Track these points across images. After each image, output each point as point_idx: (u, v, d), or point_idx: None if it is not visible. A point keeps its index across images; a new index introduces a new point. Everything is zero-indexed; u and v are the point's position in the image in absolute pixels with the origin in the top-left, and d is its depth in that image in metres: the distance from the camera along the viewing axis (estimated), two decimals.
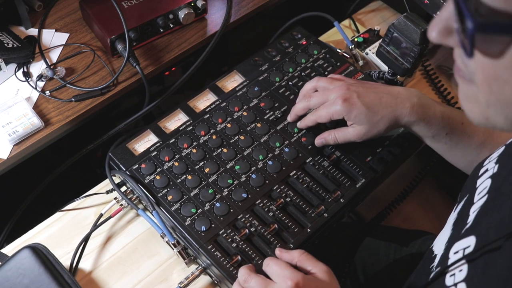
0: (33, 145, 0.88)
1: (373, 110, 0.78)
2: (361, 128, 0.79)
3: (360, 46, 1.04)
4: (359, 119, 0.78)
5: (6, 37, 0.95)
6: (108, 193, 0.87)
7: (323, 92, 0.83)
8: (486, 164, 0.64)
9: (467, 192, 0.64)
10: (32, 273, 0.74)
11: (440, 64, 1.06)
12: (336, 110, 0.79)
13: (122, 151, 0.85)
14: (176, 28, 1.03)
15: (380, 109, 0.78)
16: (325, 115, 0.81)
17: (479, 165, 0.66)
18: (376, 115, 0.78)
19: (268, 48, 0.98)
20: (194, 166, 0.83)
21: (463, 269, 0.53)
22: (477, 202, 0.59)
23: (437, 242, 0.67)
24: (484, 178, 0.61)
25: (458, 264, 0.54)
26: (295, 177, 0.83)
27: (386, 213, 0.99)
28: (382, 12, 1.15)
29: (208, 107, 0.90)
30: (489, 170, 0.61)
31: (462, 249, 0.55)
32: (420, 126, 0.79)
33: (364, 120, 0.78)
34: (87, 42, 1.00)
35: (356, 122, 0.79)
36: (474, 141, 0.79)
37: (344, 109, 0.78)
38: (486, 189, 0.59)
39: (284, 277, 0.64)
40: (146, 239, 0.83)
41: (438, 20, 0.44)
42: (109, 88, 0.94)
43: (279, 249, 0.72)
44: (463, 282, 0.52)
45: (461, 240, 0.56)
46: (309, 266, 0.67)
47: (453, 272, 0.54)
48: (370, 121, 0.78)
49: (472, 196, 0.61)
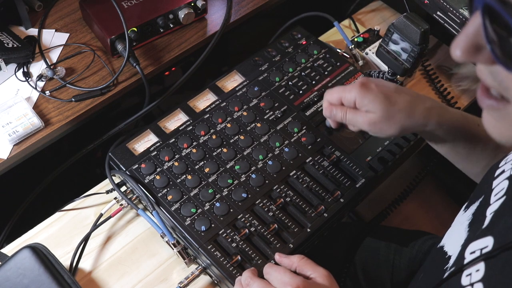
0: (33, 145, 0.88)
1: (390, 99, 0.72)
2: (374, 116, 0.73)
3: (360, 46, 1.04)
4: (372, 104, 0.72)
5: (6, 37, 0.95)
6: (108, 193, 0.87)
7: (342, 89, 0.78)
8: (502, 165, 0.62)
9: (482, 193, 0.63)
10: (32, 273, 0.74)
11: (440, 64, 1.06)
12: (350, 92, 0.74)
13: (122, 151, 0.85)
14: (176, 28, 1.03)
15: (399, 101, 0.72)
16: (336, 96, 0.76)
17: (493, 166, 0.64)
18: (392, 105, 0.72)
19: (268, 48, 0.98)
20: (194, 166, 0.83)
21: (480, 269, 0.52)
22: (494, 203, 0.58)
23: (448, 243, 0.66)
24: (500, 179, 0.60)
25: (475, 264, 0.53)
26: (295, 177, 0.83)
27: (386, 213, 0.99)
28: (382, 12, 1.15)
29: (208, 107, 0.90)
30: (506, 171, 0.60)
31: (479, 249, 0.54)
32: (442, 129, 0.74)
33: (379, 107, 0.72)
34: (87, 42, 1.00)
35: (370, 108, 0.73)
36: (491, 144, 0.76)
37: (359, 92, 0.73)
38: (504, 190, 0.57)
39: (284, 283, 0.65)
40: (146, 239, 0.83)
41: (464, 37, 0.40)
42: (109, 88, 0.94)
43: (279, 254, 0.72)
44: (480, 282, 0.51)
45: (478, 240, 0.55)
46: (309, 271, 0.67)
47: (469, 271, 0.53)
48: (386, 110, 0.72)
49: (488, 198, 0.60)
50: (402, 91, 0.75)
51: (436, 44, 1.08)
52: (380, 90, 0.73)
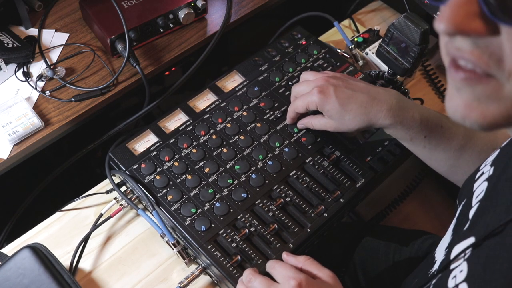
0: (33, 145, 0.88)
1: (345, 107, 0.77)
2: (332, 121, 0.80)
3: (360, 46, 1.04)
4: (330, 113, 0.79)
5: (6, 37, 0.95)
6: (108, 193, 0.87)
7: (306, 83, 0.84)
8: (482, 168, 0.63)
9: (464, 197, 0.64)
10: (32, 273, 0.74)
11: (440, 64, 1.06)
12: (311, 101, 0.80)
13: (122, 151, 0.85)
14: (176, 28, 1.03)
15: (353, 108, 0.77)
16: (301, 105, 0.82)
17: (476, 170, 0.65)
18: (347, 113, 0.77)
19: (268, 48, 0.98)
20: (194, 166, 0.83)
21: (463, 269, 0.53)
22: (475, 205, 0.59)
23: (438, 248, 0.67)
24: (480, 181, 0.61)
25: (458, 265, 0.54)
26: (295, 177, 0.83)
27: (386, 213, 0.99)
28: (382, 12, 1.15)
29: (208, 107, 0.90)
30: (484, 173, 0.61)
31: (462, 251, 0.55)
32: (397, 128, 0.78)
33: (335, 116, 0.79)
34: (87, 42, 1.00)
35: (328, 115, 0.80)
36: (454, 145, 0.78)
37: (319, 101, 0.79)
38: (483, 192, 0.59)
39: (287, 277, 0.65)
40: (146, 239, 0.83)
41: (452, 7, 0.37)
42: (109, 88, 0.94)
43: (286, 253, 0.73)
44: (464, 282, 0.52)
45: (461, 242, 0.56)
46: (314, 270, 0.67)
47: (454, 274, 0.54)
48: (341, 118, 0.78)
49: (470, 200, 0.61)
50: (361, 93, 0.78)
51: (436, 44, 1.08)
52: (337, 96, 0.78)
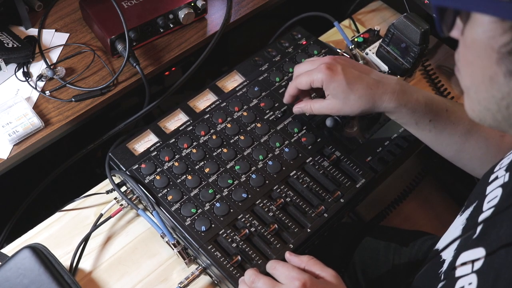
0: (33, 145, 0.88)
1: (352, 86, 0.76)
2: (336, 102, 0.78)
3: (360, 46, 1.04)
4: (336, 91, 0.77)
5: (6, 37, 0.95)
6: (108, 193, 0.87)
7: (310, 61, 0.82)
8: (496, 170, 0.62)
9: (476, 198, 0.63)
10: (32, 273, 0.74)
11: (440, 64, 1.06)
12: (317, 77, 0.77)
13: (122, 151, 0.85)
14: (176, 28, 1.03)
15: (360, 88, 0.76)
16: (305, 80, 0.79)
17: (489, 171, 0.64)
18: (353, 92, 0.76)
19: (268, 48, 0.98)
20: (194, 166, 0.83)
21: (472, 282, 0.52)
22: (486, 211, 0.58)
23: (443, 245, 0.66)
24: (494, 186, 0.60)
25: (466, 274, 0.53)
26: (295, 177, 0.83)
27: (386, 213, 0.99)
28: (382, 12, 1.15)
29: (208, 107, 0.90)
30: (499, 178, 0.60)
31: (470, 261, 0.54)
32: (402, 112, 0.77)
33: (340, 95, 0.76)
34: (87, 42, 1.00)
35: (332, 94, 0.78)
36: (459, 129, 0.77)
37: (325, 77, 0.76)
38: (497, 198, 0.58)
39: (291, 278, 0.64)
40: (146, 239, 0.83)
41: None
42: (109, 88, 0.94)
43: (289, 252, 0.72)
44: None
45: (469, 250, 0.55)
46: (318, 270, 0.67)
47: (461, 284, 0.53)
48: (346, 97, 0.76)
49: (481, 204, 0.60)
50: (367, 75, 0.77)
51: (436, 44, 1.08)
52: (345, 75, 0.76)
